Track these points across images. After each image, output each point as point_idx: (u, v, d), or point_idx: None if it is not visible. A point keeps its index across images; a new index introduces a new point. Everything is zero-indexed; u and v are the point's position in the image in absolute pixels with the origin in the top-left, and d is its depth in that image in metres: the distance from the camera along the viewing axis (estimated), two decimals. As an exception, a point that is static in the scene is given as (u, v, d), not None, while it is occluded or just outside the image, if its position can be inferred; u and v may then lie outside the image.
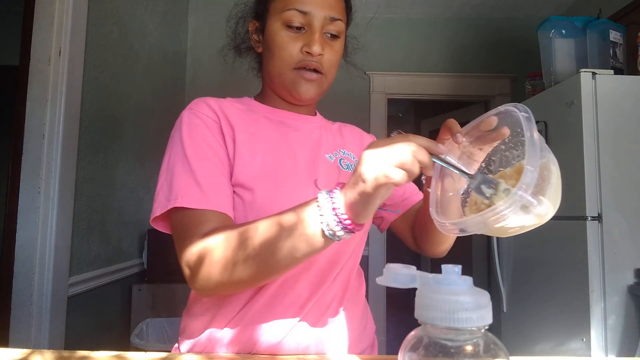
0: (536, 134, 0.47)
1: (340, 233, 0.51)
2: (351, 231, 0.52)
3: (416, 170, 0.47)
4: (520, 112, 0.49)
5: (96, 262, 1.72)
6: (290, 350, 0.67)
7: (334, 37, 0.71)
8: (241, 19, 0.80)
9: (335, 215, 0.50)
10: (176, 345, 0.76)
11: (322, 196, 0.52)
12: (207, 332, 0.71)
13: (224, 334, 0.70)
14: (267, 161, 0.70)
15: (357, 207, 0.50)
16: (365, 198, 0.49)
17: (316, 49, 0.67)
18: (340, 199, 0.51)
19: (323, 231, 0.51)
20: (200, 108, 0.70)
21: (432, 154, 0.49)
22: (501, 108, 0.52)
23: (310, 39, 0.68)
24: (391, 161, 0.47)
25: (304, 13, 0.68)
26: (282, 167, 0.70)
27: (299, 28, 0.69)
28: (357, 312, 0.75)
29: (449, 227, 0.49)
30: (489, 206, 0.47)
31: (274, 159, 0.70)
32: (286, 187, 0.68)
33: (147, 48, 2.14)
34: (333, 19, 0.69)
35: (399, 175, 0.46)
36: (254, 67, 0.83)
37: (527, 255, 2.01)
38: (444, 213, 0.53)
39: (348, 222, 0.50)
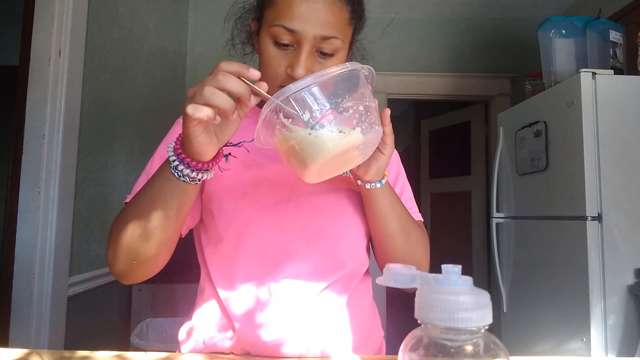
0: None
1: (181, 167, 0.56)
2: (192, 167, 0.55)
3: (222, 102, 0.50)
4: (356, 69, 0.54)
5: (96, 262, 1.72)
6: (292, 352, 0.67)
7: (327, 55, 0.65)
8: (240, 19, 0.78)
9: (174, 151, 0.56)
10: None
11: (171, 144, 0.58)
12: (208, 332, 0.71)
13: (226, 334, 0.70)
14: (240, 172, 0.70)
15: (186, 145, 0.54)
16: (186, 136, 0.53)
17: (299, 71, 0.62)
18: (179, 142, 0.57)
19: (172, 171, 0.57)
20: None
21: (245, 79, 0.52)
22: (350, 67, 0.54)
23: (295, 60, 0.63)
24: (196, 100, 0.50)
25: (291, 31, 0.62)
26: (256, 177, 0.71)
27: (286, 45, 0.63)
28: (361, 317, 0.75)
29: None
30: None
31: (249, 168, 0.71)
32: (255, 197, 0.70)
33: (147, 48, 2.14)
34: (325, 38, 0.63)
35: (201, 112, 0.49)
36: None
37: (527, 255, 2.01)
38: None
39: (184, 156, 0.55)
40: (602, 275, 1.54)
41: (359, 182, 0.66)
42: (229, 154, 0.65)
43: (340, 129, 0.53)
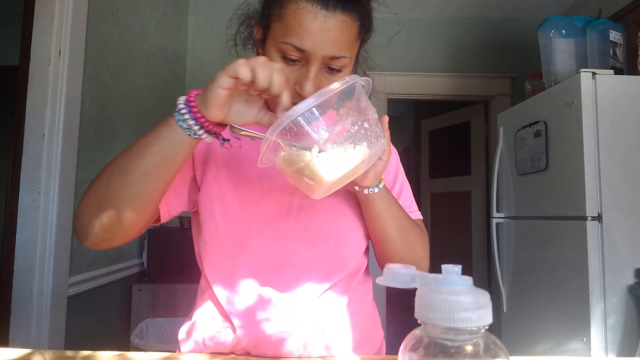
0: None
1: (185, 112, 0.56)
2: (196, 118, 0.56)
3: (262, 75, 0.52)
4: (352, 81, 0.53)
5: (96, 262, 1.72)
6: (293, 353, 0.67)
7: (335, 70, 0.64)
8: (243, 25, 0.75)
9: (185, 100, 0.57)
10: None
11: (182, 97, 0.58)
12: (209, 332, 0.71)
13: (226, 335, 0.70)
14: (240, 175, 0.70)
15: (206, 92, 0.55)
16: (214, 83, 0.54)
17: (308, 89, 0.61)
18: (193, 95, 0.57)
19: (175, 115, 0.57)
20: None
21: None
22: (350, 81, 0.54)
23: (303, 78, 0.62)
24: (249, 63, 0.53)
25: (300, 50, 0.61)
26: (258, 180, 0.71)
27: (294, 60, 0.62)
28: (362, 318, 0.75)
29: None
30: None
31: (249, 171, 0.71)
32: (257, 200, 0.70)
33: (147, 48, 2.14)
34: (334, 58, 0.62)
35: (244, 71, 0.52)
36: None
37: (527, 255, 2.01)
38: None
39: (195, 108, 0.56)
40: (602, 275, 1.54)
41: (356, 187, 0.66)
42: (228, 139, 0.64)
43: (348, 147, 0.53)
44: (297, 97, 0.63)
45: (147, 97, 2.16)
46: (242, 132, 0.55)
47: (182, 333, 0.75)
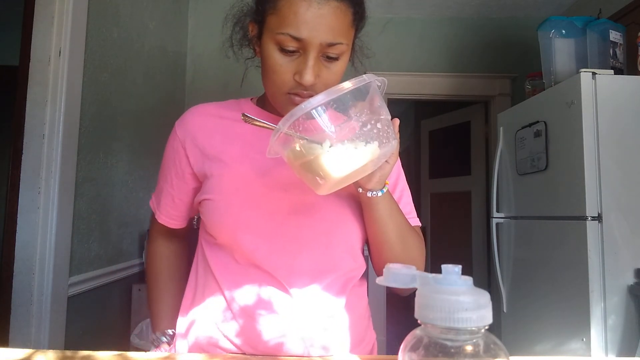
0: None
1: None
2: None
3: None
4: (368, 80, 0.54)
5: (96, 262, 1.72)
6: (291, 352, 0.67)
7: (333, 58, 0.65)
8: (238, 23, 0.76)
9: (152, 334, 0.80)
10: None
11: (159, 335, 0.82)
12: (208, 330, 0.71)
13: (224, 334, 0.70)
14: (234, 173, 0.71)
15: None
16: None
17: (308, 78, 0.62)
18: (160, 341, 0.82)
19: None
20: (179, 128, 0.77)
21: None
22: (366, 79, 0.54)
23: (302, 66, 0.63)
24: None
25: (297, 39, 0.61)
26: (251, 177, 0.71)
27: (292, 51, 0.63)
28: (356, 320, 0.75)
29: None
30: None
31: (243, 169, 0.71)
32: (249, 196, 0.70)
33: (147, 48, 2.14)
34: (331, 44, 0.63)
35: None
36: (258, 66, 0.79)
37: (527, 255, 2.01)
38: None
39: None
40: (602, 275, 1.54)
41: (360, 189, 0.66)
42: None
43: (359, 144, 0.53)
44: (298, 86, 0.64)
45: (147, 97, 2.16)
46: (255, 122, 0.56)
47: (180, 327, 0.75)
